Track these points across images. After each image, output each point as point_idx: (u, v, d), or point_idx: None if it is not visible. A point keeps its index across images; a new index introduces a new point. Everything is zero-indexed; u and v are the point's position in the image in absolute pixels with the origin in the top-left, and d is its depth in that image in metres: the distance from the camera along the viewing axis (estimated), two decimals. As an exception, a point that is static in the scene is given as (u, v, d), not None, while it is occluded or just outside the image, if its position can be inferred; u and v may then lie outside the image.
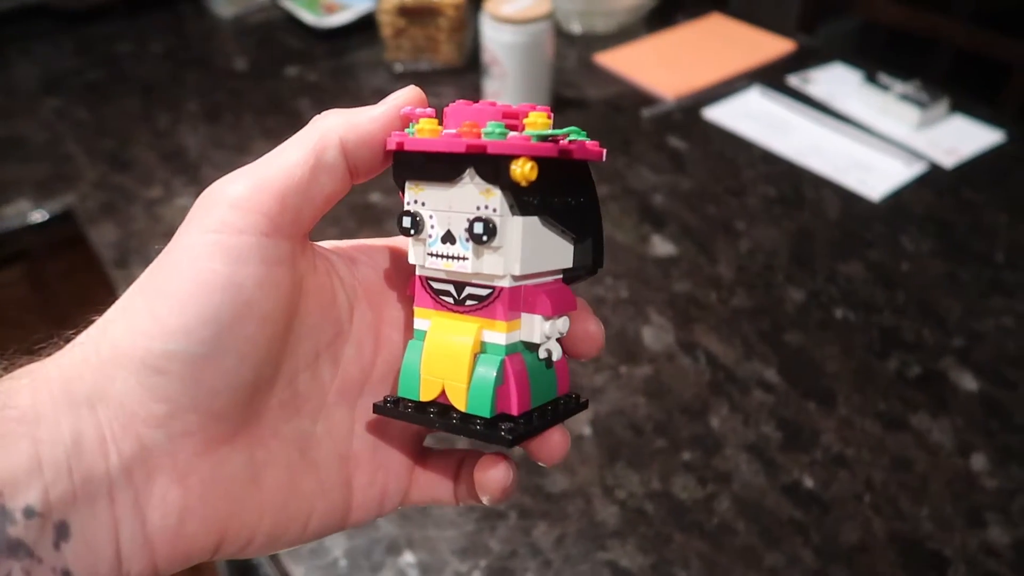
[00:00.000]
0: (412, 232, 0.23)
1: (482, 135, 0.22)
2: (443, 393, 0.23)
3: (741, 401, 0.59)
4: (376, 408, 0.25)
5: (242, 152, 0.87)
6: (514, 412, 0.23)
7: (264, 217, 0.22)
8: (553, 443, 0.24)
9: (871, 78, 0.93)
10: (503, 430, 0.23)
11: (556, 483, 0.54)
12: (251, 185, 0.22)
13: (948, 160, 0.84)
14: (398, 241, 0.28)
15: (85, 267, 0.78)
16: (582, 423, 0.57)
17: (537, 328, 0.23)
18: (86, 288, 0.83)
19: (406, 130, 0.24)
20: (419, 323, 0.24)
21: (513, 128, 0.23)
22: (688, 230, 0.76)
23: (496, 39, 0.86)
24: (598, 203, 0.25)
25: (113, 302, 0.22)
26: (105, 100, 0.96)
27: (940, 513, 0.52)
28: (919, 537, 0.50)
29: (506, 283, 0.23)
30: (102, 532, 0.20)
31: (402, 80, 1.00)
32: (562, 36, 1.09)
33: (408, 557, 0.49)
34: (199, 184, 0.82)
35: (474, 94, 0.95)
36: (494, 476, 0.24)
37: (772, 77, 0.98)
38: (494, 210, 0.22)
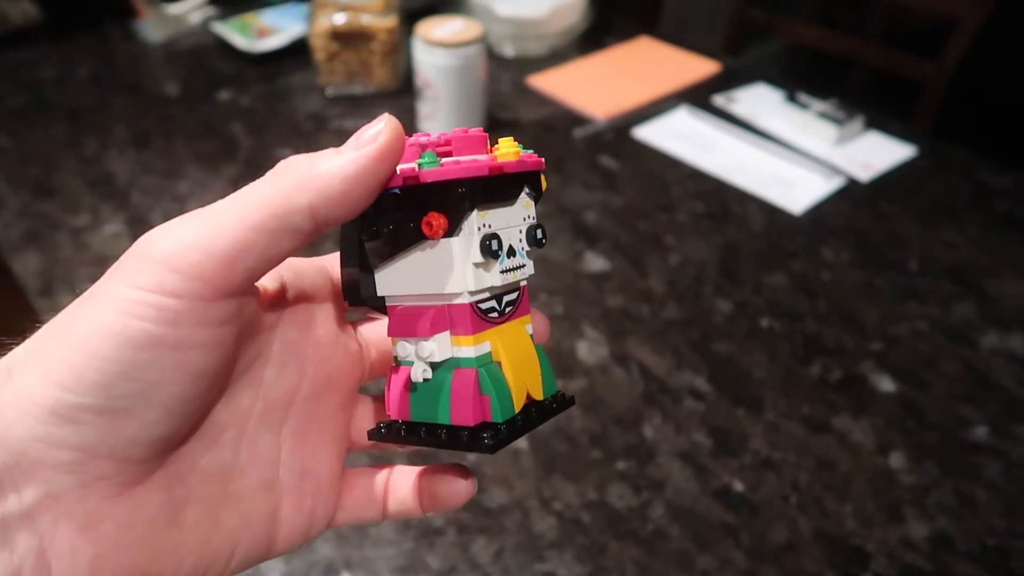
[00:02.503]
0: (498, 253, 0.23)
1: (520, 152, 0.23)
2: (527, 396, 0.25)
3: (673, 410, 0.61)
4: (372, 434, 0.25)
5: (173, 177, 0.86)
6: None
7: (207, 285, 0.19)
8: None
9: (791, 97, 0.98)
10: (563, 394, 0.25)
11: (494, 498, 0.54)
12: (195, 247, 0.19)
13: (864, 174, 0.88)
14: (324, 260, 0.27)
15: (7, 297, 0.75)
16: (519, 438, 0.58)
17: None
18: (8, 318, 0.81)
19: (420, 161, 0.22)
20: (466, 350, 0.23)
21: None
22: (620, 246, 0.77)
23: (428, 62, 0.87)
24: None
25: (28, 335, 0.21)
26: (28, 127, 0.94)
27: (862, 510, 0.54)
28: (843, 534, 0.52)
29: (532, 273, 0.25)
30: None
31: (335, 104, 1.00)
32: (496, 59, 1.11)
33: (346, 578, 0.49)
34: (128, 211, 0.81)
35: (408, 117, 0.96)
36: (462, 486, 0.25)
37: (698, 97, 1.02)
38: (534, 217, 0.24)
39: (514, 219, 0.24)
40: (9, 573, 0.19)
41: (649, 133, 0.95)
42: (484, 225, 0.22)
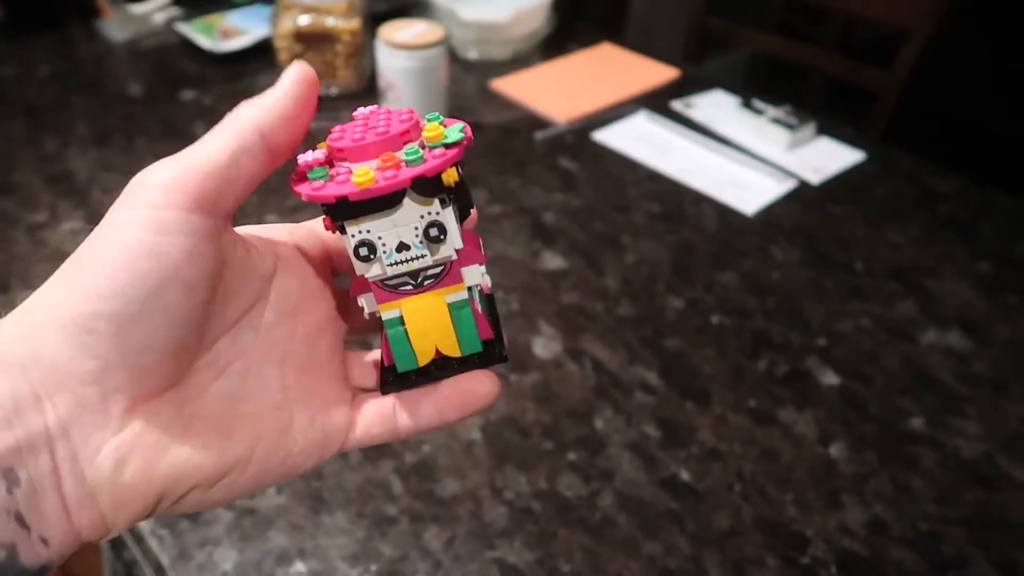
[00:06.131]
0: (371, 257, 0.26)
1: (405, 162, 0.25)
2: (436, 353, 0.29)
3: (624, 403, 0.62)
4: (384, 388, 0.29)
5: (133, 175, 0.86)
6: (491, 335, 0.29)
7: (188, 196, 0.23)
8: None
9: (747, 103, 1.00)
10: (498, 351, 0.29)
11: (446, 487, 0.55)
12: (175, 169, 0.23)
13: (815, 177, 0.91)
14: (313, 223, 0.30)
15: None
16: (472, 429, 0.59)
17: (477, 273, 0.28)
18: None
19: (310, 175, 0.25)
20: (388, 313, 0.28)
21: (410, 140, 0.26)
22: (577, 245, 0.79)
23: (391, 64, 0.88)
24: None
25: None
26: (-13, 124, 0.94)
27: (802, 498, 0.56)
28: (783, 520, 0.54)
29: (454, 256, 0.27)
30: (47, 483, 0.22)
31: (300, 104, 1.01)
32: (460, 63, 1.13)
33: (299, 566, 0.50)
34: (87, 208, 0.81)
35: (372, 118, 0.97)
36: (488, 386, 0.29)
37: (657, 102, 1.04)
38: (437, 213, 0.26)
39: (405, 220, 0.26)
40: (53, 477, 0.22)
41: (609, 136, 0.97)
42: (358, 232, 0.26)
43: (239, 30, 1.12)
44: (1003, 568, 0.52)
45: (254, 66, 1.09)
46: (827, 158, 0.95)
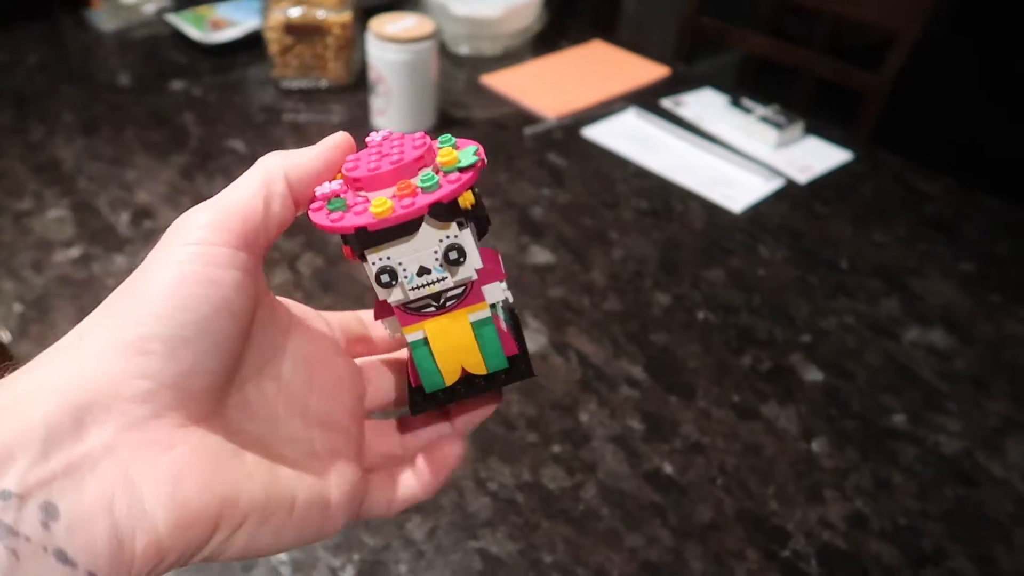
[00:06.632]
0: (393, 283, 0.27)
1: (421, 189, 0.25)
2: (462, 371, 0.29)
3: (609, 396, 0.63)
4: (414, 408, 0.30)
5: (120, 165, 0.86)
6: (516, 351, 0.29)
7: (232, 234, 0.24)
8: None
9: (735, 102, 1.01)
10: (524, 367, 0.29)
11: (430, 478, 0.55)
12: (218, 210, 0.25)
13: (802, 177, 0.91)
14: (320, 312, 0.32)
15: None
16: (457, 421, 0.59)
17: (499, 290, 0.28)
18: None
19: (328, 206, 0.26)
20: (412, 335, 0.29)
21: (425, 165, 0.26)
22: (564, 240, 0.79)
23: (381, 57, 0.88)
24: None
25: None
26: (-27, 111, 0.93)
27: (784, 492, 0.56)
28: (765, 514, 0.55)
29: (474, 277, 0.27)
30: (94, 510, 0.20)
31: (289, 97, 1.01)
32: (451, 58, 1.13)
33: (281, 555, 0.50)
34: (73, 196, 0.80)
35: (362, 112, 0.97)
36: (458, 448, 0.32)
37: (647, 100, 1.04)
38: (455, 236, 0.26)
39: (424, 245, 0.26)
40: (103, 498, 0.21)
41: (598, 133, 0.97)
42: (378, 259, 0.26)
43: (229, 21, 1.12)
44: (980, 562, 0.53)
45: (244, 58, 1.08)
46: (815, 158, 0.95)
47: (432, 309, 0.28)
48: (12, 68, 1.04)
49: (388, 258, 0.26)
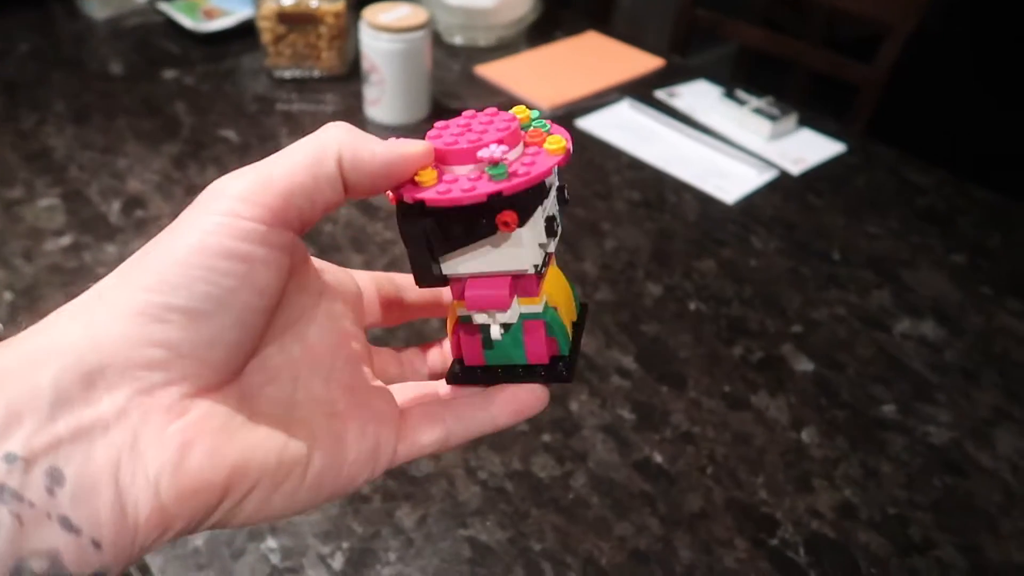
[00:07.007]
0: (559, 230, 0.28)
1: (546, 150, 0.26)
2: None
3: (600, 386, 0.63)
4: (451, 379, 0.30)
5: (112, 153, 0.85)
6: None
7: (268, 210, 0.23)
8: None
9: (729, 94, 1.00)
10: (562, 369, 0.29)
11: (420, 467, 0.55)
12: (256, 181, 0.23)
13: (795, 168, 0.91)
14: (349, 270, 0.31)
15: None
16: (448, 410, 0.59)
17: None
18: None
19: (490, 172, 0.25)
20: (532, 307, 0.28)
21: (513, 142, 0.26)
22: (557, 230, 0.79)
23: (374, 47, 0.88)
24: None
25: None
26: (-37, 99, 0.92)
27: (773, 481, 0.57)
28: (754, 503, 0.55)
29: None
30: (101, 476, 0.20)
31: (282, 87, 1.00)
32: (445, 48, 1.12)
33: (270, 542, 0.50)
34: (64, 185, 0.80)
35: (355, 101, 0.97)
36: (541, 394, 0.29)
37: (641, 91, 1.04)
38: (556, 179, 0.28)
39: (550, 208, 0.28)
40: (109, 464, 0.20)
41: (592, 123, 0.97)
42: (544, 209, 0.27)
43: (222, 10, 1.11)
44: (968, 552, 0.53)
45: (237, 47, 1.08)
46: (808, 149, 0.95)
47: (544, 269, 0.28)
48: (3, 56, 1.03)
49: (548, 208, 0.27)
